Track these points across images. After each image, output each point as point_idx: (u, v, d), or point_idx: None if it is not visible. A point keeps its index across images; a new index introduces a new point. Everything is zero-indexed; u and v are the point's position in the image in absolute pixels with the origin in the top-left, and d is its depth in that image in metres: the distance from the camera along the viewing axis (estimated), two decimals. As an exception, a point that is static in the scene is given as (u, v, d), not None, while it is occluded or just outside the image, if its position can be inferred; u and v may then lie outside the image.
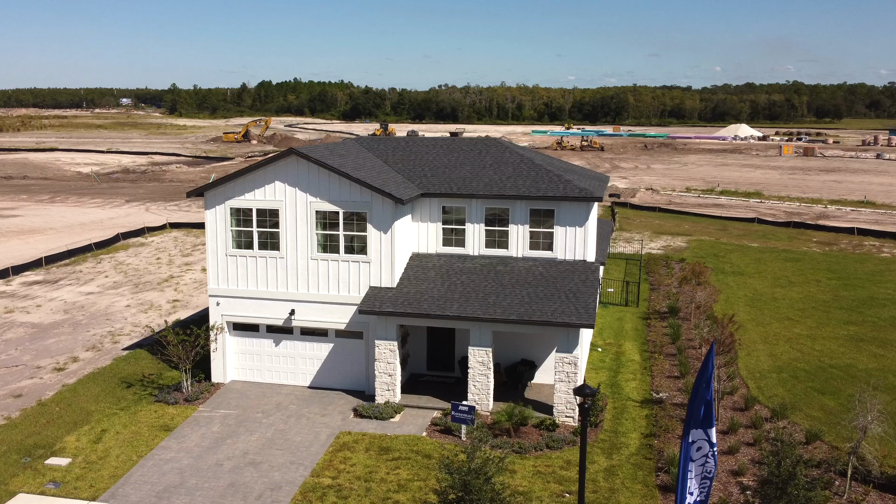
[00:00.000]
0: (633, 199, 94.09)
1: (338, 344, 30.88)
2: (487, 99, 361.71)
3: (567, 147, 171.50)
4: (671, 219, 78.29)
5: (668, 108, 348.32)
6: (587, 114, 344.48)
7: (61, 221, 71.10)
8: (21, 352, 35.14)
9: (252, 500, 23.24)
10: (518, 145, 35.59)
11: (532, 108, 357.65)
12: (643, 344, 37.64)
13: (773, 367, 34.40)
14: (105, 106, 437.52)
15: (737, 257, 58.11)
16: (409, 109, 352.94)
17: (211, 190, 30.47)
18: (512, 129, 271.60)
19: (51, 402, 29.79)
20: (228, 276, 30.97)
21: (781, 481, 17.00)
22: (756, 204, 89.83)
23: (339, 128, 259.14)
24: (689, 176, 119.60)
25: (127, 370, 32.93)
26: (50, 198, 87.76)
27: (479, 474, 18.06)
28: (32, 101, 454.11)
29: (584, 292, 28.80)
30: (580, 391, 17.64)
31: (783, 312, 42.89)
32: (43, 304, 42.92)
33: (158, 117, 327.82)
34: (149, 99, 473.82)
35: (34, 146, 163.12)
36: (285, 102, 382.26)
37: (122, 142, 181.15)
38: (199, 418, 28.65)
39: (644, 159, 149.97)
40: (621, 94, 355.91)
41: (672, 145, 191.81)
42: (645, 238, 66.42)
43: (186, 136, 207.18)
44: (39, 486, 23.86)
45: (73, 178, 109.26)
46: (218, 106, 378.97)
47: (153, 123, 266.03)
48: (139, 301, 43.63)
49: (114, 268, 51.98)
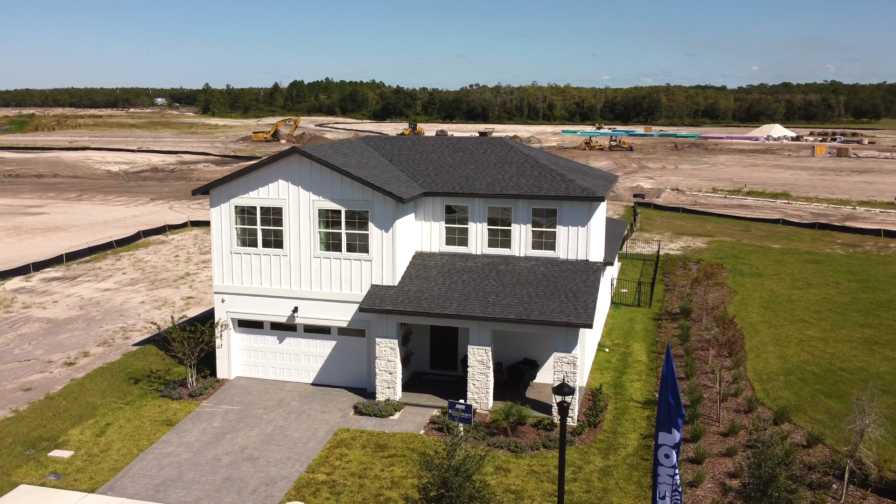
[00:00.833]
0: (658, 199, 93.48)
1: (340, 341, 31.09)
2: (518, 99, 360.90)
3: (595, 147, 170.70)
4: (694, 219, 77.67)
5: (701, 108, 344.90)
6: (619, 114, 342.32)
7: (86, 219, 72.27)
8: (34, 346, 35.81)
9: (247, 494, 23.50)
10: (524, 144, 35.57)
11: (563, 108, 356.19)
12: (652, 345, 37.43)
13: (781, 369, 34.04)
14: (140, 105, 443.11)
15: (756, 259, 57.52)
16: (440, 109, 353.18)
17: (216, 188, 30.84)
18: (542, 128, 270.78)
19: (58, 395, 30.34)
20: (233, 274, 31.31)
21: (762, 483, 16.85)
22: (783, 205, 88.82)
23: (369, 127, 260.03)
24: (716, 176, 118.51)
25: (135, 366, 33.43)
26: (77, 196, 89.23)
27: (459, 472, 18.10)
28: (69, 101, 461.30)
29: (584, 292, 28.72)
30: (559, 390, 17.64)
31: (798, 314, 42.40)
32: (60, 299, 43.70)
33: (191, 117, 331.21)
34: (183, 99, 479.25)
35: (67, 145, 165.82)
36: (317, 102, 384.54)
37: (154, 141, 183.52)
38: (202, 413, 29.01)
39: (672, 159, 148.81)
40: (654, 94, 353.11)
41: (703, 145, 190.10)
42: (665, 239, 65.97)
43: (217, 135, 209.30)
44: (41, 478, 24.33)
45: (102, 176, 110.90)
46: (250, 105, 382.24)
47: (185, 123, 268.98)
48: (154, 298, 44.24)
49: (132, 265, 52.76)
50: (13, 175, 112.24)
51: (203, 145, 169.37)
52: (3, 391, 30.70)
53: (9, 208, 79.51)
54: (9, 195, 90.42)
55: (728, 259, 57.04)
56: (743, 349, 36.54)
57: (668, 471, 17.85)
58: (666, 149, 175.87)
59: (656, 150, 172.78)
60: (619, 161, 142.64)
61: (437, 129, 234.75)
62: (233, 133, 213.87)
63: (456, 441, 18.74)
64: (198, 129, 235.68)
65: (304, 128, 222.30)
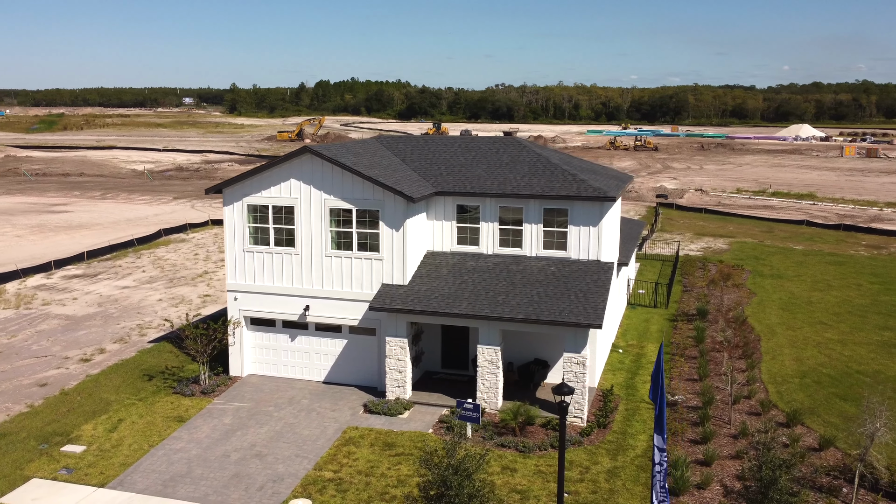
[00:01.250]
0: (681, 199, 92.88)
1: (351, 340, 31.21)
2: (544, 98, 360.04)
3: (620, 147, 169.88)
4: (716, 220, 77.10)
5: (729, 108, 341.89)
6: (645, 113, 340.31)
7: (108, 217, 73.10)
8: (52, 342, 36.28)
9: (254, 491, 23.66)
10: (537, 144, 35.48)
11: (589, 108, 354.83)
12: (666, 346, 37.18)
13: (796, 371, 33.70)
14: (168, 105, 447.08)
15: (778, 260, 56.98)
16: (465, 109, 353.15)
17: (229, 187, 31.07)
18: (567, 128, 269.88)
19: (73, 391, 30.72)
20: (246, 272, 31.54)
21: (763, 486, 16.70)
22: (808, 206, 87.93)
23: (394, 127, 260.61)
24: (741, 177, 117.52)
25: (150, 362, 33.76)
26: (101, 194, 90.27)
27: (458, 470, 18.12)
28: (98, 101, 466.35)
29: (594, 292, 28.62)
30: (558, 390, 17.60)
31: (816, 316, 41.95)
32: (79, 297, 44.24)
33: (218, 116, 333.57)
34: (210, 98, 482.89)
35: (94, 144, 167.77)
36: (342, 102, 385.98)
37: (179, 140, 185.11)
38: (213, 410, 29.24)
39: (698, 160, 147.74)
40: (681, 94, 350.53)
41: (729, 146, 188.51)
42: (686, 239, 65.52)
43: (242, 134, 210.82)
44: (53, 472, 24.65)
45: (127, 175, 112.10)
46: (276, 105, 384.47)
47: (211, 122, 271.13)
48: (171, 296, 44.65)
49: (152, 263, 53.30)
50: (40, 174, 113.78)
51: (228, 144, 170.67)
52: (19, 386, 31.14)
53: (34, 206, 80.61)
54: (35, 193, 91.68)
55: (748, 260, 56.56)
56: (758, 351, 36.27)
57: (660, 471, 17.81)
58: (692, 149, 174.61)
59: (682, 150, 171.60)
60: (644, 161, 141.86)
61: (462, 128, 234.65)
62: (258, 133, 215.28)
63: (456, 440, 18.77)
64: (223, 129, 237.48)
65: (329, 127, 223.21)
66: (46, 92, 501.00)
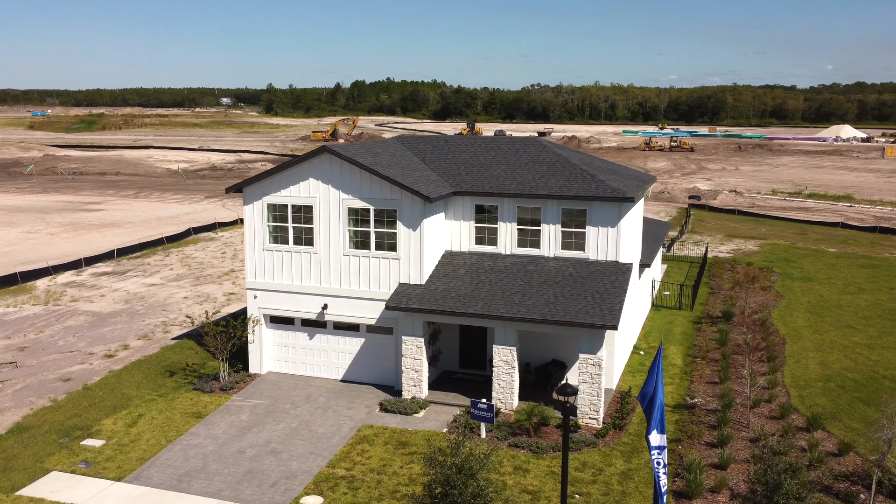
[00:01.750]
0: (714, 201, 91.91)
1: (369, 339, 31.34)
2: (580, 98, 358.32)
3: (655, 147, 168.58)
4: (748, 222, 76.19)
5: (768, 108, 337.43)
6: (683, 114, 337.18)
7: (140, 216, 74.15)
8: (78, 338, 36.90)
9: (266, 487, 23.86)
10: (557, 144, 35.33)
11: (625, 108, 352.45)
12: (689, 348, 36.85)
13: (820, 375, 33.19)
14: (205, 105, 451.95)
15: (809, 262, 56.15)
16: (500, 109, 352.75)
17: (249, 186, 31.36)
18: (602, 129, 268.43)
19: (95, 386, 31.21)
20: (265, 270, 31.81)
21: (769, 490, 16.48)
22: (845, 208, 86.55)
23: (428, 126, 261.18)
24: (777, 178, 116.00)
25: (172, 359, 34.19)
26: (135, 193, 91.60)
27: (462, 470, 18.13)
28: (138, 101, 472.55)
29: (611, 293, 28.43)
30: (562, 390, 17.52)
31: (845, 320, 41.28)
32: (107, 294, 44.94)
33: (254, 116, 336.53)
34: (248, 98, 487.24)
35: (131, 144, 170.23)
36: (377, 102, 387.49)
37: (214, 140, 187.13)
38: (231, 407, 29.53)
39: (734, 161, 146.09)
40: (719, 94, 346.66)
41: (767, 146, 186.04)
42: (716, 241, 64.83)
43: (277, 134, 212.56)
44: (72, 465, 25.06)
45: (162, 174, 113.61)
46: (312, 105, 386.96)
47: (247, 122, 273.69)
48: (197, 293, 45.18)
49: (180, 261, 53.97)
50: (77, 172, 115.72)
51: (262, 144, 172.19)
52: (44, 381, 31.71)
53: (69, 205, 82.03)
54: (70, 192, 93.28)
55: (779, 262, 55.81)
56: (782, 354, 35.79)
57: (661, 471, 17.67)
58: (728, 150, 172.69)
59: (718, 150, 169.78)
60: (678, 162, 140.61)
61: (496, 129, 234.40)
62: (292, 133, 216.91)
63: (461, 439, 18.77)
64: (259, 129, 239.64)
65: (364, 127, 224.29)
66: (87, 92, 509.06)
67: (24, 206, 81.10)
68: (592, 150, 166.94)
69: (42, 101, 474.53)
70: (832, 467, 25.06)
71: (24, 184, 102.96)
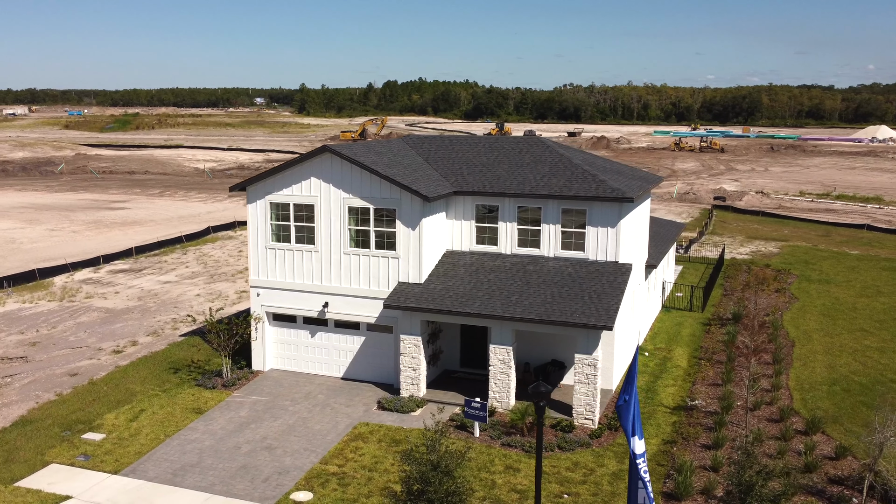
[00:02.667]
0: (740, 202, 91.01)
1: (369, 337, 31.55)
2: (612, 98, 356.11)
3: (685, 148, 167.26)
4: (772, 223, 75.40)
5: (805, 108, 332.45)
6: (717, 114, 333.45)
7: (163, 214, 75.16)
8: (88, 334, 37.55)
9: (259, 482, 24.14)
10: (560, 144, 35.28)
11: (658, 108, 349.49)
12: (695, 350, 36.60)
13: (826, 378, 32.82)
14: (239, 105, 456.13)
15: (829, 265, 55.44)
16: (532, 109, 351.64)
17: (252, 185, 31.72)
18: (634, 129, 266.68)
19: (101, 381, 31.75)
20: (268, 268, 32.15)
21: (742, 492, 16.39)
22: (874, 210, 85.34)
23: (459, 127, 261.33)
24: (807, 179, 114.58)
25: (177, 355, 34.67)
26: (160, 192, 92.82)
27: (438, 467, 18.22)
28: (173, 101, 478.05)
29: (609, 294, 28.36)
30: (535, 390, 17.53)
31: (858, 323, 40.73)
32: (122, 290, 45.65)
33: (287, 116, 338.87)
34: (281, 98, 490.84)
35: (162, 143, 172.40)
36: (409, 102, 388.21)
37: (245, 140, 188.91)
38: (231, 403, 29.90)
39: (764, 161, 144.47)
40: (754, 94, 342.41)
41: (801, 147, 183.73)
42: (736, 243, 64.22)
43: (307, 134, 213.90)
44: (71, 458, 25.56)
45: (189, 173, 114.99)
46: (344, 105, 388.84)
47: (279, 122, 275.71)
48: (209, 291, 45.73)
49: (196, 259, 54.65)
50: (107, 171, 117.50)
51: (291, 144, 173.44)
52: (51, 375, 32.32)
53: (94, 203, 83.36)
54: (97, 191, 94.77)
55: (798, 265, 55.16)
56: (790, 357, 35.44)
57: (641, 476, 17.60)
58: (760, 150, 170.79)
59: (749, 151, 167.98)
60: (707, 162, 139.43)
61: (526, 129, 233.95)
62: (322, 133, 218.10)
63: (437, 437, 18.85)
64: (290, 129, 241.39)
65: (393, 127, 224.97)
66: (124, 92, 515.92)
67: (51, 203, 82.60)
68: (621, 151, 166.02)
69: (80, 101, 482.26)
70: (827, 471, 24.84)
71: (53, 182, 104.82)
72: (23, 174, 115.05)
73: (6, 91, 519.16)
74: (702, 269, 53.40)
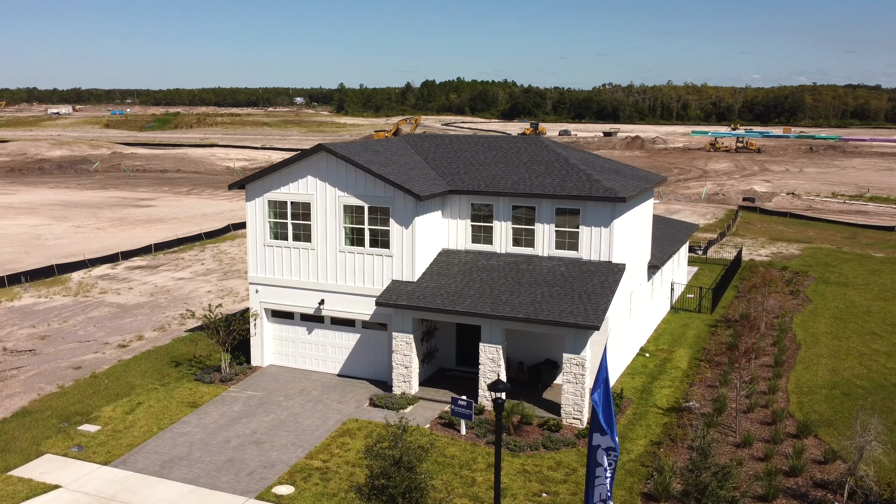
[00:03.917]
0: (769, 203, 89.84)
1: (364, 335, 31.81)
2: (651, 98, 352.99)
3: (721, 148, 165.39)
4: (797, 225, 74.33)
5: (850, 108, 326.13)
6: (759, 114, 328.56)
7: (188, 212, 76.26)
8: (97, 329, 38.33)
9: (243, 475, 24.52)
10: (558, 143, 35.21)
11: (698, 108, 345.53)
12: (697, 352, 36.31)
13: (827, 382, 32.38)
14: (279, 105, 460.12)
15: (850, 267, 54.56)
16: (570, 109, 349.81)
17: (251, 183, 32.16)
18: (672, 129, 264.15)
19: (103, 375, 32.42)
20: (266, 265, 32.56)
21: (698, 492, 16.32)
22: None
23: (494, 126, 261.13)
24: (841, 181, 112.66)
25: (180, 350, 35.26)
26: (188, 190, 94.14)
27: (400, 463, 18.38)
28: (214, 100, 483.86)
29: (599, 294, 28.29)
30: (493, 386, 17.62)
31: (870, 327, 40.08)
32: (135, 286, 46.50)
33: (325, 115, 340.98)
34: (321, 98, 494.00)
35: (198, 142, 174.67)
36: (447, 101, 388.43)
37: (279, 139, 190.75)
38: (226, 398, 30.35)
39: (800, 162, 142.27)
40: (797, 94, 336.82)
41: (841, 148, 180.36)
42: (757, 244, 63.44)
43: (342, 133, 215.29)
44: (65, 449, 26.17)
45: (220, 172, 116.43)
46: (382, 105, 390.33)
47: (316, 122, 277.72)
48: (220, 288, 46.39)
49: (213, 256, 55.43)
50: (141, 170, 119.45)
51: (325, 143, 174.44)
52: (56, 368, 33.08)
53: (122, 201, 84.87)
54: (127, 189, 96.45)
55: (817, 267, 54.37)
56: (793, 359, 35.02)
57: (604, 472, 17.57)
58: (798, 151, 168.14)
59: (787, 152, 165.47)
60: (741, 163, 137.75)
61: (561, 128, 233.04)
62: (357, 132, 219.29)
63: (399, 432, 19.00)
64: (325, 128, 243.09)
65: (428, 126, 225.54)
66: (167, 92, 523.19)
67: (80, 201, 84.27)
68: (656, 151, 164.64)
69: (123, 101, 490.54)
70: (814, 474, 24.56)
71: (86, 180, 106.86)
72: (58, 172, 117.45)
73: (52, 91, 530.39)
74: (718, 271, 52.82)
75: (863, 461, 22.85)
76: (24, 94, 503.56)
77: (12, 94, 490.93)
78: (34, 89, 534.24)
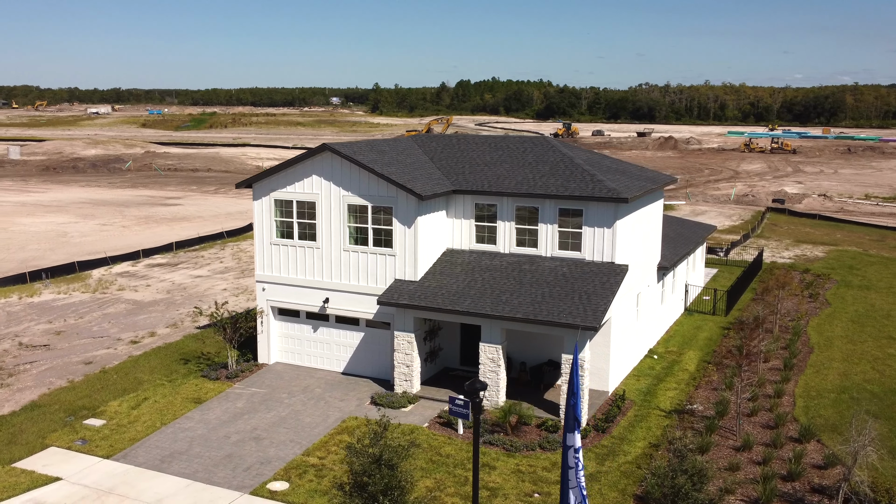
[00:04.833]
0: (799, 205, 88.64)
1: (368, 333, 32.00)
2: (688, 98, 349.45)
3: (755, 149, 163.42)
4: (826, 227, 73.26)
5: (893, 108, 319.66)
6: (798, 114, 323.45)
7: (212, 211, 77.14)
8: (112, 325, 38.98)
9: (240, 471, 24.81)
10: (565, 144, 35.10)
11: (736, 108, 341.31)
12: (707, 355, 35.98)
13: (836, 386, 31.93)
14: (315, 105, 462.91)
15: (874, 270, 53.67)
16: (606, 109, 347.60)
17: (258, 182, 32.50)
18: (708, 129, 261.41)
19: (112, 370, 32.97)
20: (272, 264, 32.88)
21: (673, 493, 16.23)
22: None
23: (528, 126, 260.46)
24: (876, 182, 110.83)
25: (190, 347, 35.73)
26: (215, 189, 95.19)
27: (381, 461, 18.49)
28: (251, 100, 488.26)
29: (599, 294, 28.18)
30: (471, 387, 17.65)
31: (887, 331, 39.42)
32: (153, 284, 47.19)
33: (360, 115, 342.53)
34: (356, 98, 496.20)
35: (231, 141, 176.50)
36: (481, 101, 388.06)
37: (312, 139, 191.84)
38: (230, 394, 30.71)
39: (835, 164, 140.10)
40: (838, 94, 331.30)
41: (880, 149, 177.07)
42: (782, 246, 62.64)
43: (375, 133, 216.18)
44: (69, 442, 26.67)
45: (251, 171, 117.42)
46: (416, 105, 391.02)
47: (349, 122, 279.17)
48: (236, 286, 46.91)
49: (232, 254, 56.05)
50: (172, 169, 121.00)
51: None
52: (67, 363, 33.71)
53: (149, 199, 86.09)
54: (156, 187, 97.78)
55: (840, 269, 53.55)
56: (804, 363, 34.56)
57: (575, 473, 17.53)
58: (835, 152, 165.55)
59: (823, 153, 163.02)
60: (774, 164, 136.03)
61: (595, 129, 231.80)
62: (390, 132, 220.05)
63: (381, 430, 19.11)
64: (358, 128, 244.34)
65: (462, 126, 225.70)
66: (205, 92, 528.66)
67: (109, 199, 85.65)
68: (689, 152, 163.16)
69: (162, 101, 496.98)
70: (812, 479, 24.26)
71: (117, 179, 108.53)
72: (92, 171, 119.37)
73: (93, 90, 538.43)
74: (738, 273, 52.23)
75: (858, 467, 22.48)
76: (65, 94, 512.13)
77: (54, 93, 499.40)
78: (75, 89, 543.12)
